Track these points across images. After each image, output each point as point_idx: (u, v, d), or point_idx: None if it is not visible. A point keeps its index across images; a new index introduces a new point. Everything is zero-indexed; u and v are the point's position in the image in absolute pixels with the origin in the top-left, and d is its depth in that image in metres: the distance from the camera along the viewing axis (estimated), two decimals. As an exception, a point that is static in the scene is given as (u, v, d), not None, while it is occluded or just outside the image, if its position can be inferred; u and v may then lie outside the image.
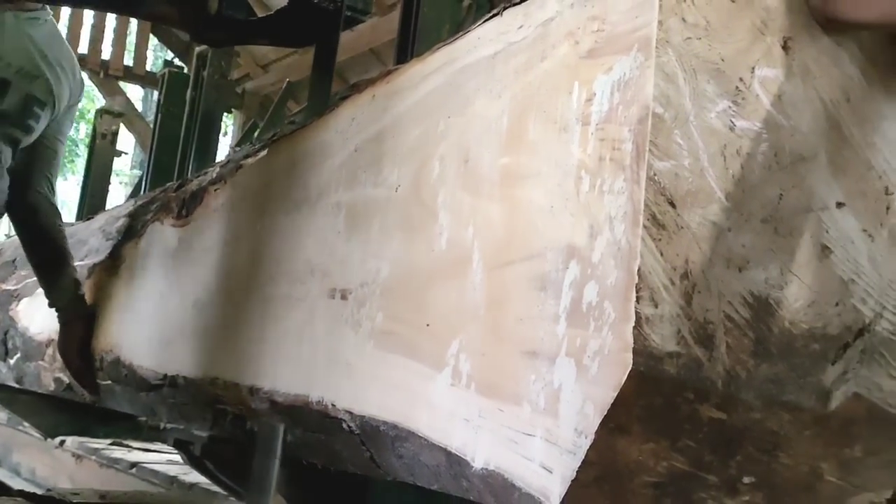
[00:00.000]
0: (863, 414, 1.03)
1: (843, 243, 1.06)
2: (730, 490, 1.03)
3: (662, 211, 0.94)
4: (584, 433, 0.93)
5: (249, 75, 8.53)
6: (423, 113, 1.32)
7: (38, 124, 2.22)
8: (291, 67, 7.95)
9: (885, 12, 1.09)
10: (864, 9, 1.10)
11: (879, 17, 1.12)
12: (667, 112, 0.96)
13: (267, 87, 8.46)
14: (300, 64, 7.61)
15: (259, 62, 8.38)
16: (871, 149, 1.12)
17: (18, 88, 2.13)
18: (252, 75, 8.51)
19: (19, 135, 2.19)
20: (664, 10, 0.97)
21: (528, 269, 1.05)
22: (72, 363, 2.36)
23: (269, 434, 1.58)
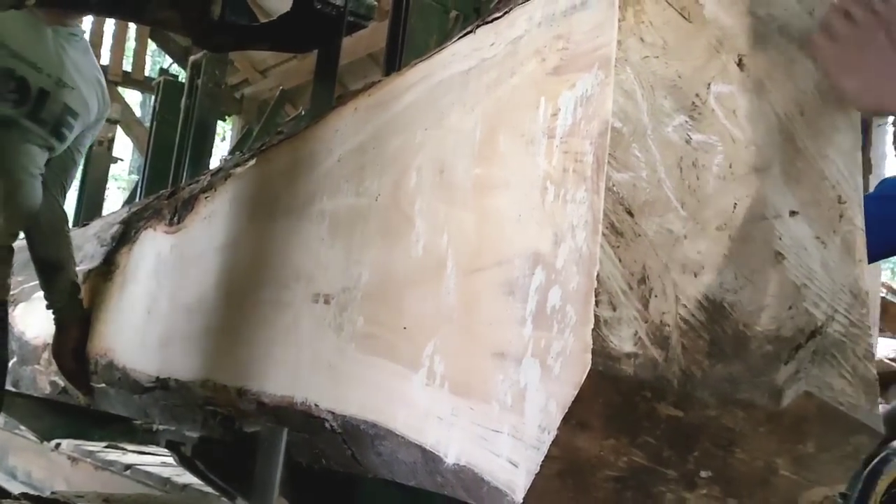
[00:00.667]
0: (814, 412, 1.09)
1: (796, 250, 1.12)
2: (688, 484, 1.08)
3: (621, 219, 1.00)
4: (547, 429, 0.99)
5: (248, 81, 8.56)
6: (401, 125, 1.38)
7: (71, 134, 2.30)
8: (290, 73, 7.99)
9: None
10: None
11: None
12: (625, 126, 1.01)
13: (265, 93, 8.49)
14: (298, 69, 7.65)
15: (257, 68, 8.42)
16: (824, 160, 1.18)
17: (57, 98, 2.22)
18: (250, 81, 8.54)
19: (54, 142, 2.27)
20: (623, 31, 1.03)
21: (498, 274, 1.11)
22: (66, 366, 2.41)
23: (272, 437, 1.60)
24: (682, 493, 1.09)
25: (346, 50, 2.49)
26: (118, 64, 8.26)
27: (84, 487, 3.26)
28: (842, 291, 1.15)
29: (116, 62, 8.25)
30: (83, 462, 3.43)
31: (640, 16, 1.05)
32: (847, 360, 1.13)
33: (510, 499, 1.02)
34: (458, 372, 1.14)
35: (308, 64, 7.22)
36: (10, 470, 4.23)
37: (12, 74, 2.14)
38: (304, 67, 7.48)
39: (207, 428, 1.83)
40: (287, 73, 8.04)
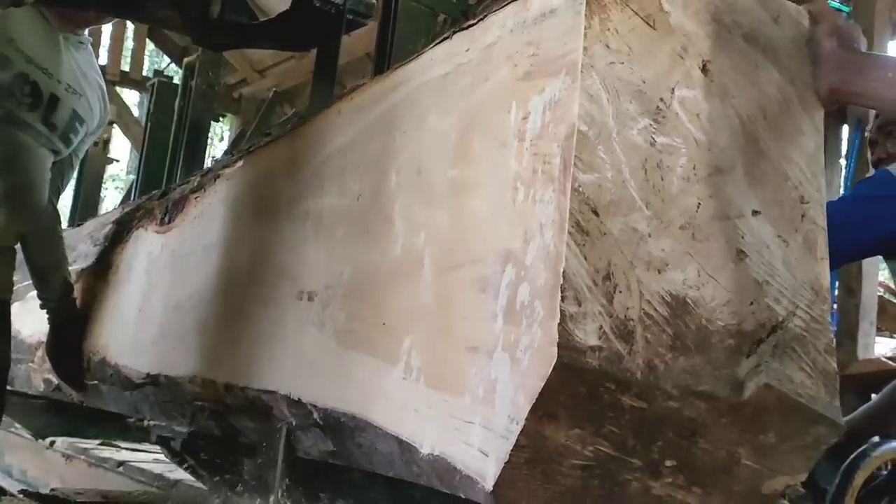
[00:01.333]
0: (774, 403, 1.13)
1: (758, 248, 1.16)
2: (653, 473, 1.13)
3: (586, 219, 1.04)
4: (516, 420, 1.03)
5: (246, 80, 8.57)
6: (382, 128, 1.42)
7: (76, 139, 2.36)
8: (288, 73, 8.01)
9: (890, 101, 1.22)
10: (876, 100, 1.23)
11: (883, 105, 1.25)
12: (591, 129, 1.06)
13: (263, 93, 8.48)
14: (296, 69, 7.67)
15: (256, 67, 8.43)
16: (787, 162, 1.22)
17: (66, 104, 2.28)
18: (249, 80, 8.55)
19: (61, 147, 2.33)
20: (589, 38, 1.07)
21: (472, 272, 1.15)
22: (59, 364, 2.45)
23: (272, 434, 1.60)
24: (647, 481, 1.13)
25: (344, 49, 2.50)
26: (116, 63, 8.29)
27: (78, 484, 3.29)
28: (803, 288, 1.20)
29: (115, 62, 8.28)
30: (77, 459, 3.46)
31: (606, 23, 1.09)
32: (807, 354, 1.17)
33: (481, 487, 1.07)
34: (433, 366, 1.18)
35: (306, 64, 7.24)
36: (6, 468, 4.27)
37: (27, 79, 2.19)
38: (302, 67, 7.50)
39: (197, 423, 1.87)
40: (285, 72, 8.06)
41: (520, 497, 1.07)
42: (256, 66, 8.40)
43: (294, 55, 7.57)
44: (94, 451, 3.38)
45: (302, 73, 7.59)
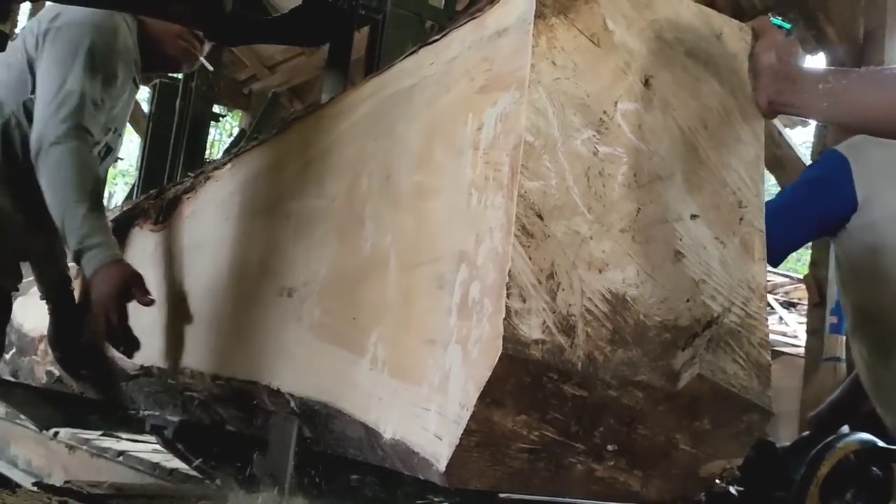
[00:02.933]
0: (708, 392, 1.23)
1: (695, 249, 1.26)
2: (596, 456, 1.22)
3: (531, 222, 1.14)
4: (466, 406, 1.13)
5: (256, 76, 8.63)
6: (356, 134, 1.52)
7: None
8: (298, 69, 8.06)
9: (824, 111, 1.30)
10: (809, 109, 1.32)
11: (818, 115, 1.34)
12: (537, 140, 1.15)
13: (273, 88, 8.57)
14: (307, 65, 7.74)
15: (265, 63, 8.48)
16: (726, 169, 1.32)
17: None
18: (259, 76, 8.60)
19: None
20: (536, 55, 1.17)
21: (431, 270, 1.25)
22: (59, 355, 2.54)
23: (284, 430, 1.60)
24: (590, 464, 1.23)
25: None
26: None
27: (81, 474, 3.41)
28: (739, 286, 1.29)
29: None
30: (80, 450, 3.58)
31: (553, 42, 1.18)
32: (741, 348, 1.27)
33: (435, 468, 1.16)
34: (396, 357, 1.28)
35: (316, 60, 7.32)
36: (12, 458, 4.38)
37: None
38: (311, 63, 7.58)
39: (187, 412, 1.97)
40: (295, 68, 8.10)
41: (471, 477, 1.17)
42: (266, 62, 8.46)
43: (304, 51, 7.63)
44: (96, 441, 3.50)
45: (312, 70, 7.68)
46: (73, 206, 1.91)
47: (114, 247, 1.92)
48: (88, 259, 1.88)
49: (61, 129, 1.96)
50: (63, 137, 1.95)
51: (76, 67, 2.03)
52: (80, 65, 2.04)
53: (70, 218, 1.91)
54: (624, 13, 1.25)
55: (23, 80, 2.14)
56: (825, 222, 2.11)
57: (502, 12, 1.23)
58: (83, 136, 2.00)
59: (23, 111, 2.12)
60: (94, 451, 3.42)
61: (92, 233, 1.89)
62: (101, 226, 1.91)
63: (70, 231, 1.91)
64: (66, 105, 1.99)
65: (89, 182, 1.95)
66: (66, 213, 1.91)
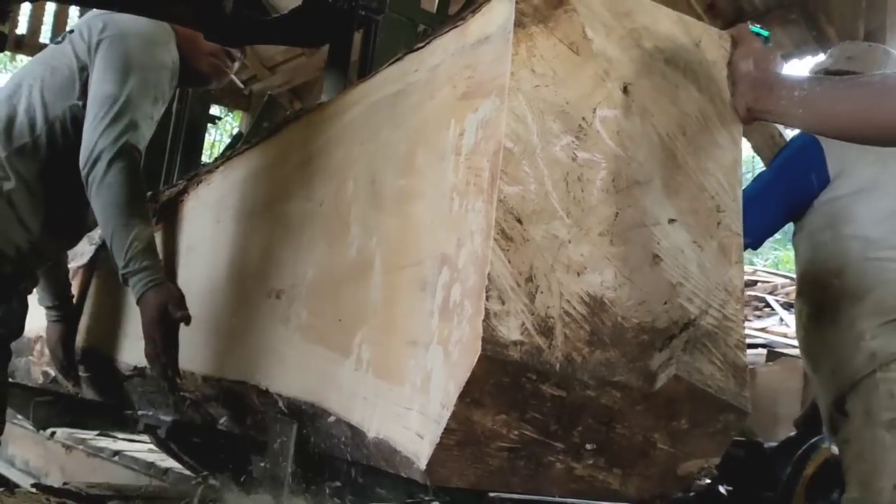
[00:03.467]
0: (684, 393, 1.25)
1: (673, 253, 1.28)
2: (575, 455, 1.25)
3: (511, 226, 1.16)
4: (446, 406, 1.15)
5: (256, 77, 8.65)
6: (343, 139, 1.55)
7: None
8: (298, 69, 8.08)
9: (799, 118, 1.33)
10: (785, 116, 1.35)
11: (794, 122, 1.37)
12: (516, 146, 1.18)
13: (274, 89, 8.54)
14: (307, 66, 7.75)
15: (266, 64, 8.48)
16: (704, 174, 1.34)
17: None
18: (259, 77, 8.62)
19: None
20: (516, 63, 1.20)
21: (414, 273, 1.28)
22: (56, 357, 2.57)
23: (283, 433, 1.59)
24: (570, 462, 1.26)
25: None
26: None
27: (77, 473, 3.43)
28: (717, 289, 1.32)
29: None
30: (76, 450, 3.60)
31: (533, 51, 1.21)
32: (718, 349, 1.30)
33: (417, 466, 1.19)
34: (380, 358, 1.31)
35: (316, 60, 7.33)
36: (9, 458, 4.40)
37: None
38: (312, 64, 7.60)
39: (178, 412, 2.00)
40: (296, 69, 8.11)
41: (451, 475, 1.20)
42: (267, 63, 8.47)
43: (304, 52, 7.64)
44: (92, 441, 3.52)
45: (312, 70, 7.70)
46: (120, 229, 1.91)
47: (158, 270, 1.91)
48: (134, 283, 1.90)
49: (114, 147, 1.95)
50: (116, 156, 1.95)
51: (131, 82, 2.02)
52: (135, 79, 2.03)
53: (118, 239, 1.92)
54: (603, 22, 1.28)
55: (70, 84, 2.12)
56: (798, 200, 2.18)
57: (484, 21, 1.26)
58: (134, 155, 2.00)
59: (69, 116, 2.10)
60: (90, 451, 3.44)
61: (137, 256, 1.89)
62: (146, 249, 1.91)
63: (117, 252, 1.92)
64: (120, 122, 1.98)
65: (138, 203, 1.96)
66: (115, 234, 1.92)
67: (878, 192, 2.10)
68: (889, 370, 1.97)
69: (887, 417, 1.96)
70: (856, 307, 2.05)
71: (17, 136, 2.09)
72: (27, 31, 7.75)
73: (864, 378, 2.00)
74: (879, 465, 1.95)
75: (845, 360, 2.05)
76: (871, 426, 1.97)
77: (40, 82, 2.14)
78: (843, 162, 2.12)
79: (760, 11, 5.75)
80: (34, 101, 2.12)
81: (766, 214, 2.16)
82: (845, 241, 2.09)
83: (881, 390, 1.97)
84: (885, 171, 2.11)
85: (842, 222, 2.10)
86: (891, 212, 2.08)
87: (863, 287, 2.05)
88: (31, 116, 2.10)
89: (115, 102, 2.00)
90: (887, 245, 2.06)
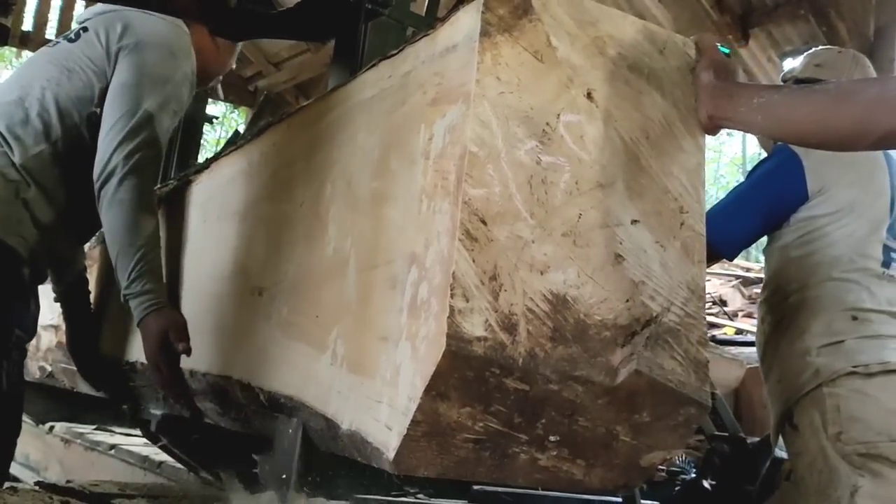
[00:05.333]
0: (645, 387, 1.30)
1: (635, 252, 1.33)
2: (539, 446, 1.30)
3: (475, 227, 1.21)
4: (413, 399, 1.20)
5: (262, 73, 8.68)
6: (322, 142, 1.60)
7: None
8: (304, 65, 8.11)
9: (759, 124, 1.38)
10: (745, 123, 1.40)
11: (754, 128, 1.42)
12: (481, 150, 1.23)
13: (279, 85, 8.58)
14: (312, 62, 7.79)
15: (271, 60, 8.52)
16: (668, 176, 1.39)
17: None
18: (264, 73, 8.66)
19: None
20: (481, 71, 1.25)
21: (386, 272, 1.33)
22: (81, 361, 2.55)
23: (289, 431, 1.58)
24: (534, 453, 1.31)
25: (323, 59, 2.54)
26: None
27: (76, 467, 3.49)
28: (679, 287, 1.36)
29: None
30: (74, 443, 3.66)
31: (498, 59, 1.26)
32: (680, 345, 1.34)
33: (386, 456, 1.24)
34: (353, 353, 1.36)
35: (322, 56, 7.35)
36: (10, 452, 4.46)
37: None
38: (317, 60, 7.64)
39: (168, 406, 2.06)
40: (301, 65, 8.14)
41: (419, 465, 1.25)
42: (272, 59, 8.50)
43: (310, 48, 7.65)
44: (90, 435, 3.58)
45: (318, 66, 7.74)
46: (126, 249, 1.90)
47: (160, 294, 1.89)
48: (135, 306, 1.89)
49: (128, 163, 1.92)
50: (129, 173, 1.92)
51: (151, 96, 1.98)
52: (155, 93, 1.99)
53: (122, 259, 1.90)
54: (568, 30, 1.33)
55: (88, 90, 2.06)
56: (775, 214, 2.21)
57: (452, 30, 1.31)
58: (148, 173, 1.96)
59: (87, 124, 2.05)
60: (87, 445, 3.50)
61: (140, 278, 1.88)
62: (150, 271, 1.90)
63: (121, 272, 1.92)
64: (137, 137, 1.95)
65: (147, 224, 1.93)
66: (120, 254, 1.91)
67: (853, 214, 2.14)
68: (834, 385, 2.02)
69: (833, 431, 2.00)
70: (808, 323, 2.10)
71: (31, 143, 2.03)
72: (33, 26, 7.77)
73: (810, 392, 2.05)
74: (833, 476, 1.98)
75: (793, 373, 2.11)
76: (819, 438, 2.01)
77: (55, 85, 2.08)
78: (823, 181, 2.16)
79: (770, 7, 5.74)
80: (48, 105, 2.06)
81: (743, 225, 2.20)
82: (815, 259, 2.14)
83: (828, 405, 2.01)
84: (862, 194, 2.15)
85: (815, 241, 2.15)
86: (862, 236, 2.13)
87: (819, 306, 2.10)
88: (46, 122, 2.05)
89: (133, 116, 1.96)
90: (852, 267, 2.10)
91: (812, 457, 2.04)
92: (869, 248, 2.13)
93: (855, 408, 1.99)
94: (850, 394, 2.00)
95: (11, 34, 7.13)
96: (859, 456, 1.96)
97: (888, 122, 1.19)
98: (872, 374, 2.00)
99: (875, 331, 2.05)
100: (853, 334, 2.05)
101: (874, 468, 1.94)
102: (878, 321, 2.06)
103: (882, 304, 2.08)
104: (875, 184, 2.18)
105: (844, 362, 2.03)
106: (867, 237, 2.14)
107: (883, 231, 2.16)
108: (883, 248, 2.14)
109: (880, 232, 2.15)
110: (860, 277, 2.10)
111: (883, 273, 2.12)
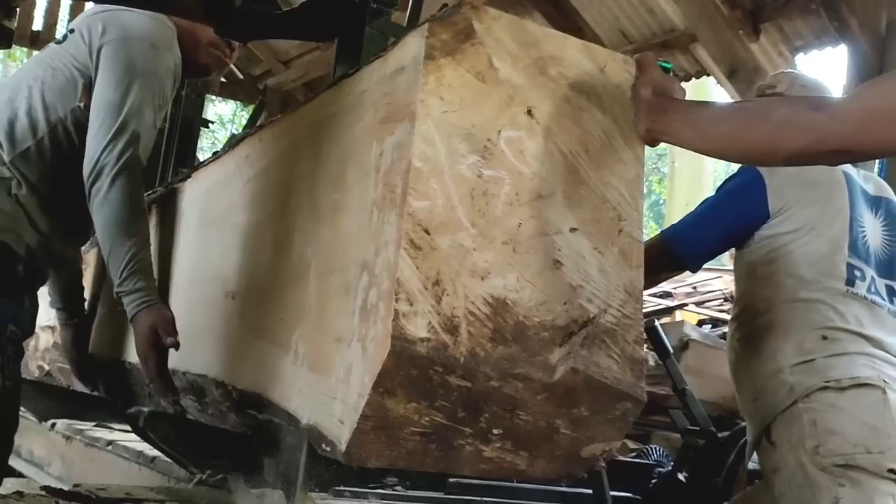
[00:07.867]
0: (582, 383, 1.40)
1: (574, 258, 1.42)
2: (483, 439, 1.40)
3: (419, 237, 1.31)
4: (362, 395, 1.30)
5: (271, 71, 8.72)
6: (290, 155, 1.70)
7: None
8: (313, 63, 8.11)
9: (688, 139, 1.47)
10: (677, 137, 1.48)
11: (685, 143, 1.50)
12: (425, 166, 1.33)
13: (288, 84, 8.60)
14: (321, 60, 7.82)
15: (280, 58, 8.56)
16: (607, 187, 1.48)
17: None
18: (273, 71, 8.69)
19: None
20: (426, 92, 1.34)
21: (341, 277, 1.43)
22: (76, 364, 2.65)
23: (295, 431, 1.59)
24: (479, 446, 1.40)
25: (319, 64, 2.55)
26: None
27: (76, 462, 3.61)
28: (616, 290, 1.46)
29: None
30: (75, 440, 3.78)
31: (441, 80, 1.36)
32: (616, 344, 1.44)
33: (339, 448, 1.35)
34: (312, 353, 1.46)
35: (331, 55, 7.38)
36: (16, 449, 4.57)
37: None
38: (327, 58, 7.66)
39: (153, 403, 2.17)
40: (310, 63, 8.13)
41: (369, 456, 1.35)
42: (281, 57, 8.53)
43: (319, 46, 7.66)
44: (89, 431, 3.69)
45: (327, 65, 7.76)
46: (118, 247, 1.94)
47: (151, 291, 1.94)
48: (127, 303, 1.94)
49: (118, 162, 1.95)
50: (119, 171, 1.95)
51: (134, 90, 2.01)
52: (139, 87, 2.02)
53: (114, 257, 1.95)
54: (509, 52, 1.42)
55: (71, 86, 2.09)
56: (737, 231, 2.28)
57: (400, 53, 1.41)
58: (137, 170, 2.00)
59: (71, 119, 2.08)
60: (87, 441, 3.61)
61: (132, 276, 1.93)
62: (142, 268, 1.94)
63: (113, 270, 1.96)
64: (124, 133, 1.98)
65: (138, 221, 1.98)
66: (112, 251, 1.96)
67: (814, 233, 2.19)
68: (809, 400, 2.07)
69: (811, 445, 2.04)
70: (779, 342, 2.16)
71: (20, 140, 2.07)
72: (43, 27, 7.82)
73: (787, 409, 2.10)
74: (814, 490, 2.03)
75: (768, 391, 2.16)
76: (798, 454, 2.06)
77: (41, 83, 2.12)
78: (784, 200, 2.22)
79: (781, 2, 5.70)
80: (35, 102, 2.09)
81: (708, 239, 2.28)
82: (780, 277, 2.19)
83: (805, 420, 2.06)
84: (822, 213, 2.21)
85: (779, 259, 2.20)
86: (823, 254, 2.18)
87: (788, 325, 2.16)
88: (33, 119, 2.08)
89: (119, 112, 1.99)
90: (818, 287, 2.16)
91: (791, 472, 2.08)
92: (833, 268, 2.18)
93: (831, 421, 2.04)
94: (825, 408, 2.05)
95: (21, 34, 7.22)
96: (837, 467, 2.01)
97: (795, 143, 1.28)
98: (844, 388, 2.05)
99: (844, 349, 2.11)
100: (823, 353, 2.10)
101: (854, 477, 1.99)
102: (847, 339, 2.12)
103: (850, 323, 2.13)
104: (834, 203, 2.23)
105: (817, 378, 2.08)
106: (829, 256, 2.19)
107: (845, 249, 2.20)
108: (847, 267, 2.19)
109: (842, 251, 2.20)
110: (826, 297, 2.15)
111: (847, 291, 2.17)
